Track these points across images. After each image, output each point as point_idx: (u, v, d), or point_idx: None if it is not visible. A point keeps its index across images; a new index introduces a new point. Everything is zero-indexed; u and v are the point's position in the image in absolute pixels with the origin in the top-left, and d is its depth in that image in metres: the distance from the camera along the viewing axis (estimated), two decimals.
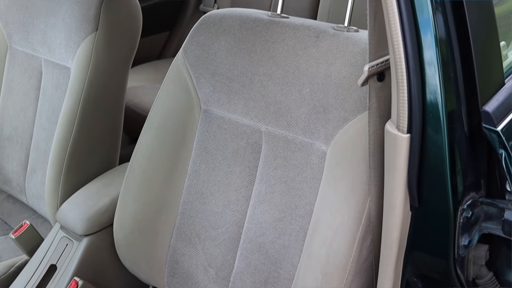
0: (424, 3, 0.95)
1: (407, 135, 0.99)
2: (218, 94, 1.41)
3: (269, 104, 1.33)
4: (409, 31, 0.95)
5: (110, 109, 1.78)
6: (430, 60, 0.96)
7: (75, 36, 1.73)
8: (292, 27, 1.35)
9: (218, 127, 1.42)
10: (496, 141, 1.00)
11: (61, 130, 1.72)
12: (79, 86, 1.70)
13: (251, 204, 1.37)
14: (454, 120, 0.98)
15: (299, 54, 1.31)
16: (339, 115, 1.23)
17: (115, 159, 1.85)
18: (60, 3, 1.78)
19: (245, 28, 1.40)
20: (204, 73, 1.43)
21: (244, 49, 1.38)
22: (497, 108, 1.01)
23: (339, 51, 1.26)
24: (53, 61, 1.80)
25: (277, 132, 1.33)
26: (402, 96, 0.97)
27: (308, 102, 1.28)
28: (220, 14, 1.46)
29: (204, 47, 1.44)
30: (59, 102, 1.77)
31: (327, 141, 1.25)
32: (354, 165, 1.19)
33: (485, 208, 1.05)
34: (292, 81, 1.30)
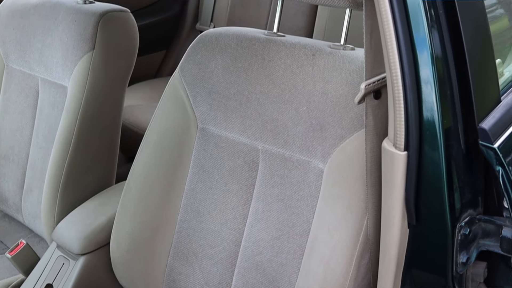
0: (420, 21, 0.95)
1: (404, 152, 0.99)
2: (215, 112, 1.42)
3: (266, 122, 1.34)
4: (405, 49, 0.95)
5: (107, 128, 1.78)
6: (426, 77, 0.96)
7: (72, 55, 1.73)
8: (288, 46, 1.35)
9: (215, 146, 1.42)
10: (493, 158, 1.00)
11: (57, 149, 1.71)
12: (76, 105, 1.70)
13: (248, 223, 1.37)
14: (451, 137, 0.99)
15: (295, 72, 1.31)
16: (336, 133, 1.23)
17: (112, 178, 1.85)
18: (57, 22, 1.79)
19: (241, 46, 1.40)
20: (200, 91, 1.44)
21: (241, 68, 1.39)
22: (493, 125, 1.02)
23: (335, 69, 1.26)
24: (50, 80, 1.81)
25: (274, 150, 1.33)
26: (399, 113, 0.98)
27: (305, 120, 1.28)
28: (217, 32, 1.46)
29: (200, 66, 1.45)
30: (56, 121, 1.77)
31: (324, 159, 1.25)
32: (351, 183, 1.19)
33: (483, 225, 1.05)
34: (288, 99, 1.31)
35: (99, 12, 1.74)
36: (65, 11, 1.79)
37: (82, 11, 1.76)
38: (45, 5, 1.86)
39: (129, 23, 1.79)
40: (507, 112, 1.07)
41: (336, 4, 1.24)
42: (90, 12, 1.74)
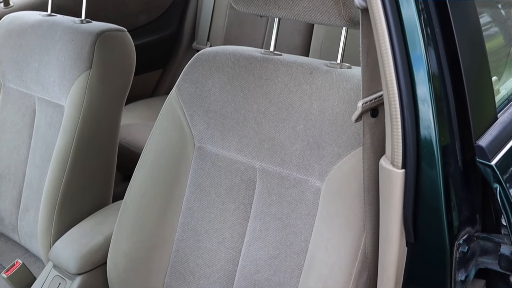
0: (416, 39, 0.96)
1: (402, 170, 0.99)
2: (212, 131, 1.42)
3: (263, 141, 1.34)
4: (402, 67, 0.96)
5: (103, 147, 1.78)
6: (423, 95, 0.96)
7: (69, 74, 1.73)
8: (285, 64, 1.36)
9: (212, 164, 1.42)
10: (491, 176, 1.01)
11: (54, 168, 1.71)
12: (72, 124, 1.70)
13: (246, 242, 1.36)
14: (448, 155, 0.99)
15: (292, 91, 1.32)
16: (333, 151, 1.23)
17: (109, 197, 1.84)
18: (54, 42, 1.79)
19: (238, 65, 1.41)
20: (197, 110, 1.44)
21: (238, 86, 1.39)
22: (490, 142, 1.02)
23: (332, 88, 1.27)
24: (47, 99, 1.81)
25: (271, 168, 1.33)
26: (396, 131, 0.98)
27: (302, 138, 1.28)
28: (214, 51, 1.47)
29: (197, 85, 1.45)
30: (53, 140, 1.77)
31: (321, 177, 1.25)
32: (349, 201, 1.19)
33: (481, 243, 1.05)
34: (285, 118, 1.31)
35: (96, 31, 1.74)
36: (62, 31, 1.80)
37: (79, 31, 1.76)
38: (42, 25, 1.86)
39: (126, 42, 1.79)
40: (504, 130, 1.07)
41: (332, 23, 1.24)
42: (87, 31, 1.75)
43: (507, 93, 1.20)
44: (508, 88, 1.24)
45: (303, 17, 1.28)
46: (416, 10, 0.96)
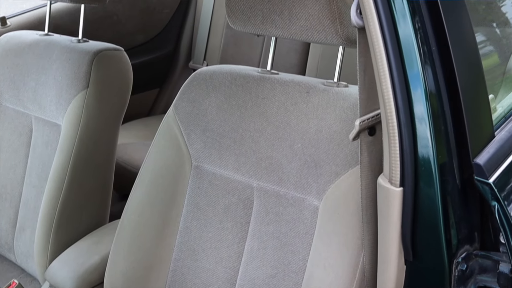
0: (413, 58, 0.96)
1: (400, 188, 0.99)
2: (209, 150, 1.42)
3: (261, 159, 1.34)
4: (399, 86, 0.96)
5: (100, 166, 1.78)
6: (420, 114, 0.97)
7: (66, 93, 1.74)
8: (282, 83, 1.36)
9: (210, 183, 1.42)
10: (489, 193, 1.01)
11: (51, 187, 1.71)
12: (69, 143, 1.70)
13: (244, 261, 1.36)
14: (446, 173, 0.99)
15: (289, 109, 1.32)
16: (331, 170, 1.23)
17: (106, 216, 1.84)
18: (51, 61, 1.80)
19: (235, 84, 1.41)
20: (195, 129, 1.44)
21: (235, 105, 1.39)
22: (488, 160, 1.02)
23: (329, 106, 1.27)
24: (44, 118, 1.81)
25: (269, 187, 1.33)
26: (394, 149, 0.98)
27: (299, 157, 1.28)
28: (211, 70, 1.47)
29: (195, 104, 1.45)
30: (49, 159, 1.77)
31: (319, 196, 1.24)
32: (347, 219, 1.19)
33: (480, 261, 1.04)
34: (283, 137, 1.31)
35: (93, 50, 1.75)
36: (59, 50, 1.80)
37: (76, 50, 1.77)
38: (39, 44, 1.87)
39: (123, 61, 1.80)
40: (501, 147, 1.07)
41: (329, 42, 1.25)
42: (84, 50, 1.75)
43: (503, 111, 1.20)
44: (505, 106, 1.24)
45: (300, 36, 1.29)
46: (413, 29, 0.96)
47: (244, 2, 1.33)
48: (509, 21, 1.89)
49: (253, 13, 1.32)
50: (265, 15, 1.31)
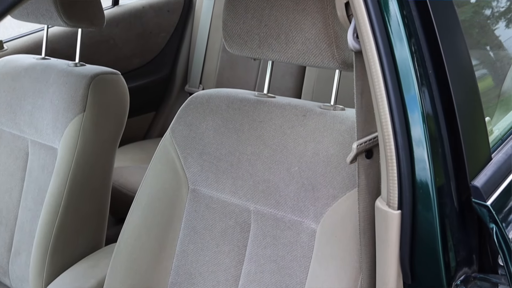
0: (410, 81, 0.97)
1: (398, 211, 0.99)
2: (206, 173, 1.42)
3: (258, 183, 1.34)
4: (396, 109, 0.97)
5: (97, 190, 1.78)
6: (418, 136, 0.97)
7: (63, 117, 1.74)
8: (279, 106, 1.36)
9: (206, 207, 1.41)
10: (487, 216, 1.01)
11: (47, 211, 1.70)
12: (66, 167, 1.70)
13: (241, 284, 1.35)
14: (443, 195, 0.99)
15: (286, 133, 1.32)
16: (328, 193, 1.23)
17: (102, 240, 1.83)
18: (48, 85, 1.80)
19: (232, 108, 1.41)
20: (191, 152, 1.44)
21: (232, 129, 1.40)
22: (485, 182, 1.03)
23: (326, 130, 1.27)
24: (40, 141, 1.81)
25: (266, 210, 1.32)
26: (392, 172, 0.98)
27: (296, 180, 1.28)
28: (208, 94, 1.48)
29: (191, 127, 1.45)
30: (45, 183, 1.76)
31: (316, 219, 1.24)
32: (345, 242, 1.18)
33: (479, 283, 1.04)
34: (280, 160, 1.31)
35: (90, 74, 1.75)
36: (56, 74, 1.81)
37: (73, 74, 1.77)
38: (36, 68, 1.87)
39: (119, 85, 1.81)
40: (498, 170, 1.08)
41: (326, 66, 1.26)
42: (81, 74, 1.76)
43: (500, 133, 1.21)
44: (501, 128, 1.25)
45: (296, 60, 1.29)
46: (409, 52, 0.97)
47: (241, 26, 1.34)
48: (502, 44, 1.90)
49: (250, 37, 1.33)
50: (262, 39, 1.32)
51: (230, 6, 1.35)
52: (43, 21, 1.81)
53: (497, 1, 2.01)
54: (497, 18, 1.95)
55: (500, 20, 1.98)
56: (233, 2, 1.34)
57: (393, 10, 0.97)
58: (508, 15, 2.00)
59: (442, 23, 1.00)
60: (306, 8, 1.24)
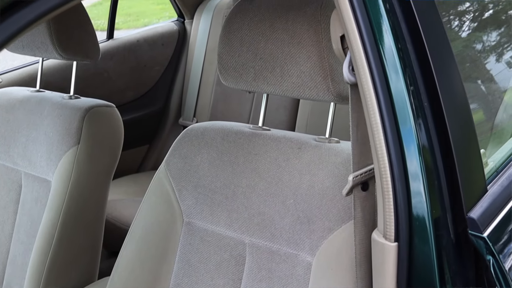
0: (406, 113, 0.98)
1: (395, 243, 0.99)
2: (201, 206, 1.41)
3: (253, 215, 1.33)
4: (392, 141, 0.97)
5: (90, 223, 1.77)
6: (414, 169, 0.98)
7: (57, 149, 1.73)
8: (274, 139, 1.37)
9: (201, 240, 1.41)
10: (483, 248, 1.01)
11: (40, 244, 1.69)
12: (59, 200, 1.69)
13: None
14: (440, 227, 0.99)
15: (281, 165, 1.32)
16: (324, 226, 1.23)
17: (95, 274, 1.82)
18: (43, 117, 1.80)
19: (227, 140, 1.42)
20: (186, 185, 1.44)
21: (227, 161, 1.40)
22: (482, 214, 1.03)
23: (321, 162, 1.28)
24: (34, 174, 1.80)
25: (261, 243, 1.32)
26: (388, 205, 0.98)
27: (292, 213, 1.28)
28: (202, 127, 1.48)
29: (186, 160, 1.45)
30: (39, 216, 1.75)
31: (312, 251, 1.24)
32: (341, 275, 1.18)
33: None
34: (275, 193, 1.31)
35: (84, 107, 1.75)
36: (50, 106, 1.81)
37: (68, 106, 1.78)
38: (31, 100, 1.88)
39: (114, 118, 1.81)
40: (494, 202, 1.08)
41: (321, 98, 1.27)
42: (76, 107, 1.76)
43: (495, 165, 1.21)
44: (496, 160, 1.26)
45: (291, 93, 1.30)
46: (405, 84, 0.98)
47: (236, 59, 1.35)
48: (493, 77, 1.92)
49: (245, 70, 1.34)
50: (257, 72, 1.32)
51: (225, 39, 1.36)
52: (38, 53, 1.82)
53: (487, 35, 2.03)
54: (488, 52, 1.97)
55: (491, 54, 2.00)
56: (228, 36, 1.36)
57: (388, 43, 0.98)
58: (498, 49, 2.02)
59: (437, 56, 1.02)
60: (301, 42, 1.25)
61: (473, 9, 2.09)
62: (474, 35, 1.96)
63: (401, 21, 1.00)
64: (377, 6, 0.99)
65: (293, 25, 1.26)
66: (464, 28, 1.88)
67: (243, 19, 1.33)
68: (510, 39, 2.04)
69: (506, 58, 2.00)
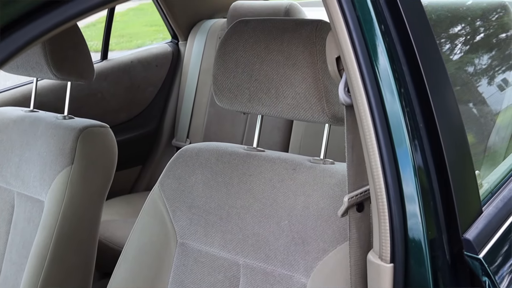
0: (401, 134, 0.98)
1: (391, 265, 0.99)
2: (195, 227, 1.41)
3: (247, 236, 1.33)
4: (388, 162, 0.98)
5: (83, 243, 1.76)
6: (410, 190, 0.98)
7: (50, 169, 1.73)
8: (268, 160, 1.37)
9: (195, 261, 1.40)
10: (479, 269, 1.01)
11: (32, 264, 1.68)
12: (52, 220, 1.68)
13: None
14: (436, 248, 0.99)
15: (276, 186, 1.32)
16: (319, 247, 1.23)
17: None
18: (36, 137, 1.80)
19: (222, 161, 1.42)
20: (180, 206, 1.43)
21: (221, 182, 1.40)
22: (477, 235, 1.03)
23: (316, 183, 1.28)
24: (27, 194, 1.79)
25: (256, 264, 1.31)
26: (384, 226, 0.99)
27: (286, 234, 1.28)
28: (197, 148, 1.48)
29: (181, 180, 1.45)
30: (31, 236, 1.74)
31: (307, 273, 1.23)
32: None
33: None
34: (270, 214, 1.31)
35: (79, 127, 1.75)
36: (44, 126, 1.81)
37: (62, 126, 1.78)
38: (25, 120, 1.87)
39: (108, 138, 1.81)
40: (489, 223, 1.08)
41: (316, 120, 1.27)
42: (70, 127, 1.76)
43: (489, 187, 1.22)
44: (490, 182, 1.26)
45: (286, 114, 1.30)
46: (400, 106, 0.99)
47: (231, 80, 1.35)
48: (485, 100, 1.94)
49: (240, 91, 1.34)
50: (252, 94, 1.33)
51: (220, 60, 1.37)
52: (33, 74, 1.82)
53: (479, 58, 2.05)
54: (480, 75, 1.99)
55: (483, 77, 2.02)
56: (223, 57, 1.36)
57: (384, 65, 0.99)
58: (490, 72, 2.04)
59: (432, 78, 1.02)
60: (297, 63, 1.25)
61: (465, 32, 2.11)
62: (466, 57, 1.98)
63: (397, 43, 1.00)
64: (372, 28, 1.00)
65: (288, 47, 1.27)
66: (456, 51, 1.90)
67: (238, 41, 1.34)
68: (501, 62, 2.07)
69: (497, 81, 2.02)
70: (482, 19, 2.18)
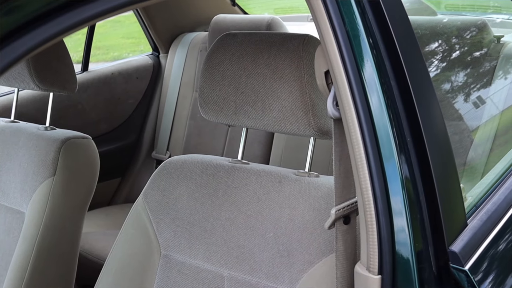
0: (389, 148, 0.99)
1: (378, 276, 1.00)
2: (179, 239, 1.40)
3: (232, 248, 1.33)
4: (376, 176, 0.99)
5: (64, 255, 1.74)
6: (397, 202, 0.99)
7: (32, 180, 1.72)
8: (253, 173, 1.37)
9: (179, 273, 1.40)
10: (465, 281, 1.02)
11: (12, 276, 1.66)
12: (34, 231, 1.66)
13: None
14: (422, 260, 1.01)
15: (261, 199, 1.33)
16: (304, 259, 1.23)
17: None
18: (17, 148, 1.79)
19: (206, 173, 1.42)
20: (164, 218, 1.43)
21: (206, 194, 1.40)
22: (463, 248, 1.05)
23: (301, 196, 1.28)
24: (6, 205, 1.77)
25: (240, 277, 1.31)
26: (372, 238, 1.00)
27: (271, 246, 1.28)
28: (181, 160, 1.48)
29: (165, 192, 1.45)
30: (10, 248, 1.72)
31: (292, 285, 1.24)
32: None
33: None
34: (255, 226, 1.31)
35: (61, 138, 1.74)
36: (26, 137, 1.79)
37: (44, 137, 1.76)
38: (5, 131, 1.86)
39: (90, 149, 1.80)
40: (474, 235, 1.10)
41: (302, 133, 1.28)
42: (52, 138, 1.75)
43: (474, 200, 1.24)
44: (474, 195, 1.28)
45: (272, 127, 1.31)
46: (388, 119, 1.00)
47: (217, 93, 1.36)
48: (462, 117, 1.97)
49: (226, 104, 1.35)
50: (238, 106, 1.33)
51: (207, 73, 1.37)
52: (14, 84, 1.81)
53: (455, 75, 2.09)
54: (456, 93, 2.03)
55: (459, 94, 2.06)
56: (210, 70, 1.37)
57: (373, 78, 1.01)
58: (466, 89, 2.08)
59: (419, 92, 1.04)
60: (283, 77, 1.26)
61: (442, 49, 2.15)
62: (443, 75, 2.01)
63: (385, 57, 1.02)
64: (361, 43, 1.01)
65: (275, 60, 1.28)
66: (432, 68, 1.93)
67: (225, 54, 1.35)
68: (476, 80, 2.10)
69: (473, 99, 2.06)
70: (458, 37, 2.22)
